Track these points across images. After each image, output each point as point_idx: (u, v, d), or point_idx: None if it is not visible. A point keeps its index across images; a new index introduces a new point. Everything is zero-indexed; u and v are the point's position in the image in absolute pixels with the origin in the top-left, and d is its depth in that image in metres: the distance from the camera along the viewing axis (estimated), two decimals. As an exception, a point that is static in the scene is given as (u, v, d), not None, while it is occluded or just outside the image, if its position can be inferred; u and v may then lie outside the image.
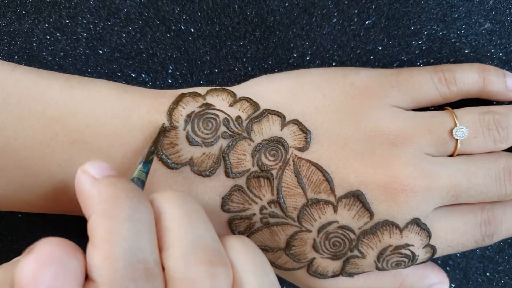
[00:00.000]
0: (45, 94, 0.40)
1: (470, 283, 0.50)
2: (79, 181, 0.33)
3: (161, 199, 0.35)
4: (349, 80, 0.43)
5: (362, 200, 0.41)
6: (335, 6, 0.47)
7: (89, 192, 0.32)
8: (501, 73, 0.45)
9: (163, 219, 0.34)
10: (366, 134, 0.42)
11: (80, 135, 0.39)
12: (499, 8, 0.47)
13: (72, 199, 0.41)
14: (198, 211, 0.35)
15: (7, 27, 0.46)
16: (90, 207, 0.32)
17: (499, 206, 0.45)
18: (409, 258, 0.42)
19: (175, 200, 0.35)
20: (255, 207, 0.42)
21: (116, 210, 0.31)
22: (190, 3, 0.47)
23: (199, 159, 0.41)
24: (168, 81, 0.47)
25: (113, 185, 0.33)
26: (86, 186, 0.33)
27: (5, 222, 0.47)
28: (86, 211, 0.32)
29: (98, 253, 0.30)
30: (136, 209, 0.32)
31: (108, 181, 0.33)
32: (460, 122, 0.43)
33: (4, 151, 0.39)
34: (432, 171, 0.42)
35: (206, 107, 0.41)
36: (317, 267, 0.43)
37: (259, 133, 0.42)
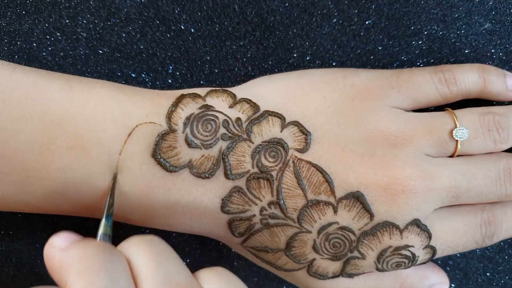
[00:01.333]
0: (45, 95, 0.39)
1: (470, 283, 0.50)
2: (48, 256, 0.33)
3: (127, 247, 0.34)
4: (349, 81, 0.43)
5: (362, 201, 0.41)
6: (335, 6, 0.47)
7: (58, 262, 0.32)
8: (501, 73, 0.45)
9: (132, 266, 0.33)
10: (366, 135, 0.42)
11: (79, 140, 0.39)
12: (499, 8, 0.47)
13: (71, 201, 0.41)
14: (166, 250, 0.35)
15: (7, 27, 0.46)
16: (64, 275, 0.31)
17: (499, 206, 0.45)
18: (409, 259, 0.43)
19: (140, 245, 0.34)
20: (255, 208, 0.42)
21: (91, 266, 0.31)
22: (190, 3, 0.47)
23: (198, 162, 0.41)
24: (168, 81, 0.47)
25: (81, 247, 0.32)
26: (56, 258, 0.32)
27: (5, 222, 0.47)
28: (60, 280, 0.32)
29: None
30: (110, 260, 0.32)
31: (76, 245, 0.33)
32: (460, 123, 0.43)
33: (4, 153, 0.39)
34: (432, 172, 0.42)
35: (206, 109, 0.41)
36: (317, 268, 0.43)
37: (259, 134, 0.42)
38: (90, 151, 0.40)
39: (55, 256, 0.32)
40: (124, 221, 0.43)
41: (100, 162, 0.40)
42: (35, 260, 0.47)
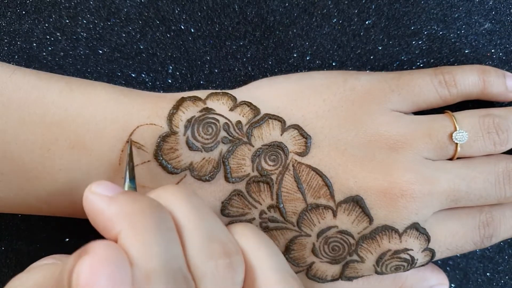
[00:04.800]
0: (45, 98, 0.39)
1: (470, 283, 0.50)
2: (92, 202, 0.33)
3: (166, 198, 0.35)
4: (349, 85, 0.43)
5: (362, 205, 0.41)
6: (335, 6, 0.47)
7: (107, 210, 0.32)
8: (501, 74, 0.45)
9: (174, 217, 0.34)
10: (366, 139, 0.42)
11: (80, 140, 0.39)
12: (499, 8, 0.47)
13: (73, 202, 0.41)
14: (203, 203, 0.36)
15: (7, 27, 0.46)
16: (114, 226, 0.31)
17: (498, 208, 0.45)
18: (408, 262, 0.43)
19: (179, 197, 0.35)
20: (255, 211, 0.42)
21: (146, 223, 0.31)
22: (190, 3, 0.46)
23: (199, 164, 0.41)
24: (168, 81, 0.47)
25: (132, 200, 0.33)
26: (102, 205, 0.32)
27: (5, 222, 0.47)
28: (109, 229, 0.32)
29: (139, 270, 0.30)
30: (162, 219, 0.32)
31: (126, 196, 0.33)
32: (460, 126, 0.43)
33: (4, 155, 0.39)
34: (431, 176, 0.42)
35: (206, 112, 0.41)
36: (316, 271, 0.43)
37: (259, 138, 0.42)
38: (91, 150, 0.40)
39: (100, 203, 0.32)
40: None
41: (102, 161, 0.40)
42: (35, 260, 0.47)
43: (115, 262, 0.29)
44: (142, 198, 0.33)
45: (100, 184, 0.33)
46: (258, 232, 0.38)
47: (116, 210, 0.32)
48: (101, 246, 0.29)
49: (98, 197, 0.33)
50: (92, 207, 0.33)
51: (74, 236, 0.48)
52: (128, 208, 0.32)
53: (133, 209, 0.32)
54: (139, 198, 0.33)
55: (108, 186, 0.33)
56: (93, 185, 0.33)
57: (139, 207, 0.32)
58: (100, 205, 0.32)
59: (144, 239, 0.31)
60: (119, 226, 0.31)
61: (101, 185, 0.33)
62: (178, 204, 0.34)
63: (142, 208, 0.32)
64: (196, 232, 0.33)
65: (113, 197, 0.33)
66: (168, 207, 0.34)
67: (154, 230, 0.31)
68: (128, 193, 0.34)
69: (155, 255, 0.30)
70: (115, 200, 0.32)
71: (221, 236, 0.35)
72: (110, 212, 0.32)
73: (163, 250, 0.31)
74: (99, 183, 0.33)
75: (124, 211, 0.32)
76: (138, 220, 0.31)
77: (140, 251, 0.30)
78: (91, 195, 0.33)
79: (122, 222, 0.31)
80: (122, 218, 0.31)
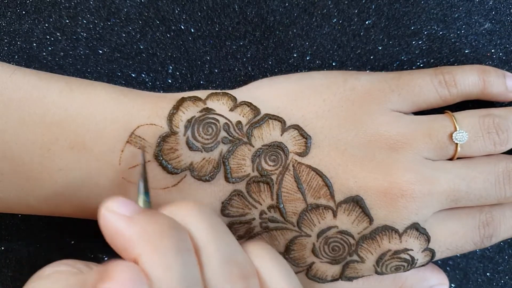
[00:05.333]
0: (45, 98, 0.39)
1: (470, 283, 0.50)
2: (109, 221, 0.32)
3: (182, 215, 0.35)
4: (349, 85, 0.43)
5: (362, 205, 0.41)
6: (335, 6, 0.47)
7: (127, 232, 0.32)
8: (501, 74, 0.45)
9: (192, 237, 0.34)
10: (366, 139, 0.42)
11: (80, 140, 0.39)
12: (499, 8, 0.47)
13: (73, 202, 0.41)
14: (220, 222, 0.36)
15: (7, 27, 0.46)
16: (135, 246, 0.31)
17: (498, 208, 0.45)
18: (408, 262, 0.43)
19: (197, 214, 0.35)
20: (255, 212, 0.42)
21: (167, 246, 0.31)
22: (190, 3, 0.46)
23: (199, 164, 0.41)
24: (168, 81, 0.47)
25: (152, 221, 0.32)
26: (120, 226, 0.32)
27: (5, 222, 0.47)
28: (129, 251, 0.32)
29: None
30: (182, 240, 0.32)
31: (146, 217, 0.33)
32: (460, 126, 0.43)
33: (4, 155, 0.39)
34: (431, 176, 0.42)
35: (207, 112, 0.41)
36: (316, 271, 0.43)
37: (259, 138, 0.42)
38: (91, 150, 0.40)
39: (119, 223, 0.32)
40: None
41: (102, 161, 0.40)
42: (35, 261, 0.47)
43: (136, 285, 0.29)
44: (161, 218, 0.33)
45: (116, 201, 0.33)
46: (273, 252, 0.38)
47: (136, 231, 0.32)
48: (124, 270, 0.29)
49: (116, 216, 0.32)
50: (110, 227, 0.32)
51: (74, 236, 0.48)
52: (148, 229, 0.32)
53: (153, 231, 0.32)
54: (159, 218, 0.33)
55: (125, 204, 0.33)
56: (109, 203, 0.33)
57: (160, 229, 0.32)
58: (119, 225, 0.32)
59: (165, 262, 0.31)
60: (140, 248, 0.31)
61: (117, 202, 0.33)
62: (196, 223, 0.34)
63: (163, 229, 0.32)
64: (214, 254, 0.33)
65: (132, 218, 0.32)
66: (185, 226, 0.34)
67: (174, 253, 0.31)
68: (146, 212, 0.33)
69: (176, 278, 0.30)
70: (134, 221, 0.32)
71: (239, 258, 0.35)
72: (129, 233, 0.32)
73: (183, 274, 0.31)
74: (115, 200, 0.33)
75: (144, 232, 0.32)
76: (158, 242, 0.31)
77: (162, 275, 0.30)
78: (108, 214, 0.32)
79: (143, 245, 0.31)
80: (142, 240, 0.31)
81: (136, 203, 0.34)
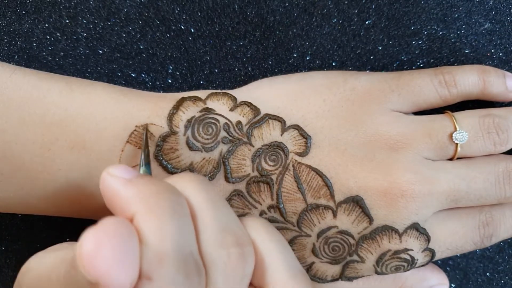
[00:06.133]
0: (45, 98, 0.39)
1: (470, 283, 0.50)
2: (109, 183, 0.32)
3: (182, 184, 0.35)
4: (349, 85, 0.43)
5: (362, 205, 0.41)
6: (335, 6, 0.47)
7: (124, 192, 0.32)
8: (501, 74, 0.45)
9: (190, 206, 0.34)
10: (366, 139, 0.42)
11: (80, 139, 0.39)
12: (499, 8, 0.47)
13: (73, 202, 0.41)
14: (219, 195, 0.36)
15: (7, 27, 0.46)
16: (130, 207, 0.31)
17: (498, 208, 0.45)
18: (408, 262, 0.43)
19: (196, 184, 0.35)
20: (255, 212, 0.42)
21: (162, 206, 0.31)
22: (190, 3, 0.46)
23: (199, 164, 0.41)
24: (168, 81, 0.47)
25: (150, 183, 0.33)
26: (119, 187, 0.32)
27: (5, 222, 0.47)
28: (125, 210, 0.32)
29: (151, 252, 0.30)
30: (178, 203, 0.32)
31: (144, 180, 0.33)
32: (460, 126, 0.43)
33: (4, 155, 0.39)
34: (431, 176, 0.42)
35: (207, 112, 0.41)
36: (316, 271, 0.43)
37: (259, 138, 0.42)
38: (91, 149, 0.40)
39: (117, 184, 0.32)
40: None
41: (102, 161, 0.40)
42: (35, 261, 0.47)
43: (122, 235, 0.29)
44: (159, 182, 0.33)
45: (118, 167, 0.33)
46: (270, 226, 0.38)
47: (133, 192, 0.32)
48: (110, 220, 0.29)
49: (115, 179, 0.32)
50: (109, 189, 0.32)
51: (74, 236, 0.48)
52: (145, 190, 0.32)
53: (150, 192, 0.32)
54: (156, 182, 0.33)
55: (126, 169, 0.33)
56: (110, 168, 0.33)
57: (156, 190, 0.32)
58: (117, 186, 0.32)
59: (159, 221, 0.31)
60: (135, 207, 0.31)
61: (119, 168, 0.33)
62: (194, 191, 0.35)
63: (159, 191, 0.32)
64: (210, 220, 0.34)
65: (130, 180, 0.32)
66: (184, 194, 0.34)
67: (169, 213, 0.31)
68: (145, 176, 0.34)
69: (169, 237, 0.30)
70: (132, 183, 0.32)
71: (234, 227, 0.35)
72: (127, 193, 0.32)
73: (176, 234, 0.31)
74: (117, 165, 0.33)
75: (141, 193, 0.32)
76: (154, 202, 0.31)
77: (154, 232, 0.30)
78: (108, 177, 0.33)
79: (138, 204, 0.31)
80: (138, 200, 0.31)
81: (135, 170, 0.34)
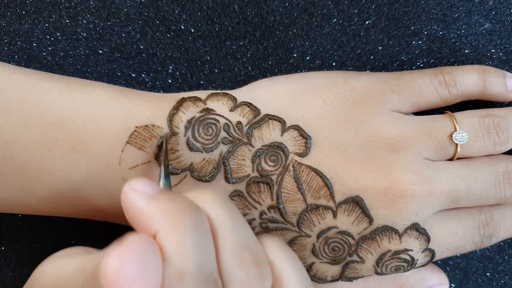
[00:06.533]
0: (45, 98, 0.39)
1: (470, 283, 0.50)
2: (131, 199, 0.32)
3: (203, 201, 0.35)
4: (349, 85, 0.43)
5: (362, 205, 0.41)
6: (335, 6, 0.47)
7: (147, 209, 0.32)
8: (501, 74, 0.45)
9: (210, 220, 0.34)
10: (366, 140, 0.42)
11: (80, 139, 0.39)
12: (499, 8, 0.47)
13: (73, 202, 0.41)
14: (237, 211, 0.36)
15: (7, 27, 0.46)
16: (153, 223, 0.31)
17: (498, 208, 0.45)
18: (408, 262, 0.43)
19: (217, 201, 0.35)
20: (255, 212, 0.42)
21: (185, 223, 0.31)
22: (190, 3, 0.46)
23: (199, 165, 0.41)
24: (168, 81, 0.47)
25: (172, 199, 0.32)
26: (141, 203, 0.32)
27: (5, 222, 0.47)
28: (147, 226, 0.32)
29: (173, 269, 0.30)
30: (200, 220, 0.32)
31: (166, 196, 0.33)
32: (460, 126, 0.43)
33: (4, 155, 0.39)
34: (431, 177, 0.42)
35: (207, 112, 0.41)
36: (316, 272, 0.43)
37: (259, 138, 0.42)
38: (92, 150, 0.40)
39: (139, 200, 0.32)
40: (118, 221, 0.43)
41: (102, 161, 0.40)
42: (35, 261, 0.47)
43: (146, 255, 0.29)
44: (181, 198, 0.33)
45: (140, 181, 0.33)
46: (285, 246, 0.38)
47: (156, 208, 0.32)
48: (134, 238, 0.29)
49: (138, 194, 0.32)
50: (131, 204, 0.32)
51: (74, 236, 0.48)
52: (168, 207, 0.32)
53: (173, 209, 0.32)
54: (179, 198, 0.33)
55: (148, 184, 0.33)
56: (132, 182, 0.33)
57: (179, 207, 0.32)
58: (140, 202, 0.32)
59: (182, 238, 0.31)
60: (158, 224, 0.31)
61: (141, 182, 0.33)
62: (215, 208, 0.34)
63: (182, 208, 0.32)
64: (230, 238, 0.33)
65: (153, 196, 0.32)
66: (205, 209, 0.34)
67: (192, 231, 0.31)
68: (167, 192, 0.33)
69: (191, 256, 0.30)
70: (155, 199, 0.32)
71: (253, 246, 0.35)
72: (149, 210, 0.32)
73: (198, 252, 0.31)
74: (138, 180, 0.33)
75: (164, 210, 0.32)
76: (177, 220, 0.31)
77: (177, 250, 0.30)
78: (130, 192, 0.32)
79: (161, 220, 0.31)
80: (161, 217, 0.31)
81: (156, 184, 0.34)
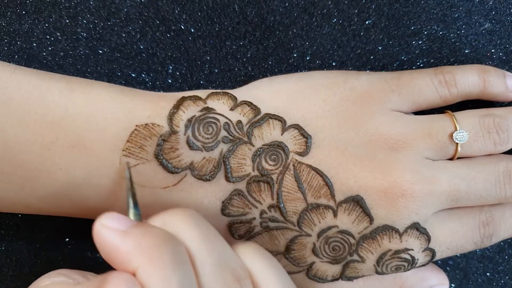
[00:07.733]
0: (46, 97, 0.39)
1: (470, 283, 0.50)
2: (105, 237, 0.32)
3: (173, 223, 0.35)
4: (349, 85, 0.43)
5: (362, 205, 0.41)
6: (335, 6, 0.47)
7: (123, 246, 0.32)
8: (501, 74, 0.45)
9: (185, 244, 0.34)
10: (366, 139, 0.42)
11: (80, 139, 0.39)
12: (499, 8, 0.47)
13: (73, 202, 0.41)
14: (210, 228, 0.36)
15: (7, 27, 0.46)
16: (132, 261, 0.31)
17: (498, 207, 0.45)
18: (408, 262, 0.43)
19: (189, 222, 0.35)
20: (255, 211, 0.42)
21: (164, 259, 0.31)
22: (190, 3, 0.46)
23: (200, 164, 0.41)
24: (168, 81, 0.47)
25: (147, 233, 0.32)
26: (115, 240, 0.32)
27: (5, 222, 0.47)
28: (125, 264, 0.31)
29: None
30: (178, 252, 0.32)
31: (140, 230, 0.33)
32: (460, 125, 0.43)
33: (4, 154, 0.39)
34: (432, 176, 0.42)
35: (207, 111, 0.41)
36: (316, 271, 0.43)
37: (260, 137, 0.42)
38: (92, 149, 0.40)
39: (113, 237, 0.32)
40: None
41: (102, 160, 0.40)
42: (35, 260, 0.47)
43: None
44: (155, 231, 0.33)
45: (110, 216, 0.33)
46: (264, 252, 0.38)
47: (132, 245, 0.32)
48: (120, 279, 0.29)
49: (111, 232, 0.32)
50: (105, 242, 0.32)
51: (74, 236, 0.48)
52: (144, 242, 0.32)
53: (149, 244, 0.32)
54: (153, 231, 0.33)
55: (119, 219, 0.33)
56: (103, 219, 0.33)
57: (155, 242, 0.32)
58: (114, 240, 0.32)
59: (163, 274, 0.31)
60: (137, 261, 0.31)
61: (111, 218, 0.33)
62: (188, 232, 0.34)
63: (158, 242, 0.32)
64: (208, 261, 0.34)
65: (126, 232, 0.32)
66: (178, 235, 0.34)
67: (172, 265, 0.31)
68: (140, 225, 0.33)
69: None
70: (129, 235, 0.32)
71: (231, 262, 0.35)
72: (126, 247, 0.32)
73: (181, 285, 0.31)
74: (108, 215, 0.33)
75: (140, 245, 0.32)
76: (156, 255, 0.31)
77: (160, 286, 0.30)
78: (103, 230, 0.32)
79: (140, 257, 0.31)
80: (139, 253, 0.31)
81: (128, 218, 0.34)
